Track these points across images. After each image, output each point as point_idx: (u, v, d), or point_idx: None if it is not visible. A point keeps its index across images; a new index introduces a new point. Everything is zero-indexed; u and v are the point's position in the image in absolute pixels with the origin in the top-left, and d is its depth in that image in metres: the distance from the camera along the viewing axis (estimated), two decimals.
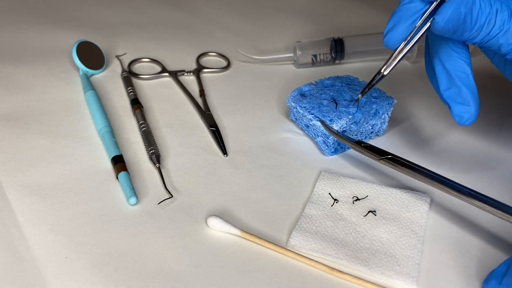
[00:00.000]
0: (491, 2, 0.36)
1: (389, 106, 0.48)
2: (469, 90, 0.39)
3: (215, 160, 0.46)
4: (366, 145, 0.43)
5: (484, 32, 0.36)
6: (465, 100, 0.39)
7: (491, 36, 0.36)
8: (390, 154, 0.41)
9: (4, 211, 0.40)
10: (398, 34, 0.38)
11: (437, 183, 0.39)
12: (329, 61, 0.62)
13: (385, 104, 0.48)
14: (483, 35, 0.36)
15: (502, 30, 0.36)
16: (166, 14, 0.74)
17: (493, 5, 0.35)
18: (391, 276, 0.35)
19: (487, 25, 0.36)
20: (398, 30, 0.38)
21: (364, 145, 0.43)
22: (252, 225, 0.40)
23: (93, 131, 0.49)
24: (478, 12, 0.35)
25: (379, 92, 0.49)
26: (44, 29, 0.68)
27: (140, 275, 0.35)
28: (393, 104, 0.48)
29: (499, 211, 0.36)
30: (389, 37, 0.39)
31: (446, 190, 0.38)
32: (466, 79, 0.39)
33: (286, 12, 0.76)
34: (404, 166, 0.41)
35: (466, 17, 0.35)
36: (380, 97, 0.48)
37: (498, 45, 0.37)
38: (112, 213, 0.40)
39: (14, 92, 0.54)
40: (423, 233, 0.39)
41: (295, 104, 0.48)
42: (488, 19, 0.35)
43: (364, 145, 0.43)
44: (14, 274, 0.35)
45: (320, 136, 0.47)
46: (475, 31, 0.36)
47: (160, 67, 0.61)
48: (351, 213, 0.40)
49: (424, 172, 0.40)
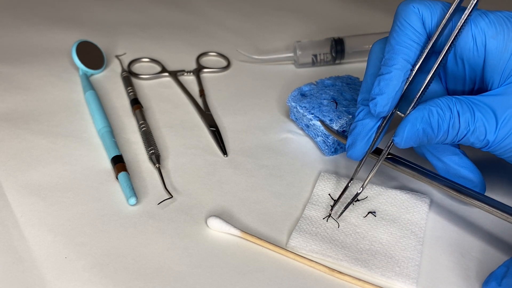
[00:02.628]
0: (450, 106, 0.35)
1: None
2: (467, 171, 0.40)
3: (215, 160, 0.46)
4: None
5: (451, 135, 0.36)
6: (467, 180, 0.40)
7: (460, 137, 0.36)
8: (390, 154, 0.41)
9: (4, 211, 0.40)
10: (358, 150, 0.40)
11: (436, 183, 0.39)
12: (329, 61, 0.62)
13: None
14: (452, 137, 0.36)
15: (470, 131, 0.35)
16: (166, 14, 0.74)
17: (453, 109, 0.35)
18: (391, 278, 0.35)
19: (452, 128, 0.35)
20: (357, 147, 0.39)
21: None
22: (252, 226, 0.40)
23: (93, 131, 0.49)
24: (438, 121, 0.35)
25: None
26: (44, 29, 0.67)
27: (140, 276, 0.35)
28: None
29: (499, 211, 0.36)
30: (350, 153, 0.40)
31: (446, 190, 0.38)
32: (459, 169, 0.40)
33: (286, 12, 0.76)
34: (404, 166, 0.40)
35: (426, 130, 0.35)
36: None
37: (471, 143, 0.36)
38: (112, 213, 0.40)
39: (14, 92, 0.54)
40: (423, 234, 0.39)
41: (295, 104, 0.48)
42: (451, 123, 0.35)
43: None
44: (14, 274, 0.35)
45: (320, 136, 0.47)
46: (441, 136, 0.36)
47: (160, 67, 0.61)
48: (350, 214, 0.40)
49: (424, 172, 0.40)
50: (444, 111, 0.35)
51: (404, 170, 0.40)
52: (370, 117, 0.39)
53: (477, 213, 0.41)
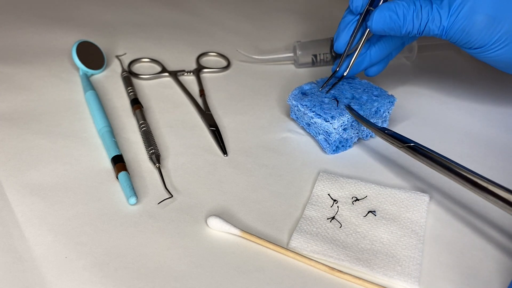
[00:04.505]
0: (414, 1, 0.44)
1: (390, 104, 0.48)
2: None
3: (215, 160, 0.46)
4: (390, 131, 0.43)
5: (416, 24, 0.44)
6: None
7: (423, 25, 0.44)
8: (412, 142, 0.41)
9: (4, 211, 0.40)
10: (340, 40, 0.49)
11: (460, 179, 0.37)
12: (329, 61, 0.62)
13: (386, 102, 0.48)
14: (417, 26, 0.44)
15: (429, 20, 0.44)
16: (166, 14, 0.74)
17: (416, 3, 0.44)
18: (393, 277, 0.35)
19: (416, 18, 0.44)
20: (340, 38, 0.49)
21: (388, 131, 0.44)
22: (252, 225, 0.40)
23: (93, 131, 0.49)
24: (403, 11, 0.44)
25: (380, 91, 0.49)
26: (44, 29, 0.68)
27: (140, 275, 0.35)
28: (394, 102, 0.48)
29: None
30: (336, 45, 0.50)
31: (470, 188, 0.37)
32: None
33: (286, 12, 0.76)
34: (425, 157, 0.40)
35: (392, 17, 0.44)
36: (381, 95, 0.48)
37: (432, 32, 0.44)
38: (112, 213, 0.40)
39: (14, 92, 0.54)
40: (423, 233, 0.39)
41: (296, 102, 0.48)
42: (415, 14, 0.44)
43: (388, 131, 0.44)
44: (14, 274, 0.35)
45: (321, 134, 0.47)
46: (408, 25, 0.44)
47: (160, 67, 0.61)
48: (351, 213, 0.40)
49: (447, 166, 0.38)
50: (409, 4, 0.44)
51: (424, 161, 0.40)
52: (350, 14, 0.49)
53: (478, 210, 0.41)
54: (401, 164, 0.46)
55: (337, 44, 0.49)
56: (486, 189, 0.36)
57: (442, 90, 0.57)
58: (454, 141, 0.50)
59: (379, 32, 0.45)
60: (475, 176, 0.37)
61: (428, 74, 0.61)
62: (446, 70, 0.62)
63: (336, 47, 0.49)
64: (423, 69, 0.62)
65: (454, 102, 0.55)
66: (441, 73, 0.61)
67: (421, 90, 0.57)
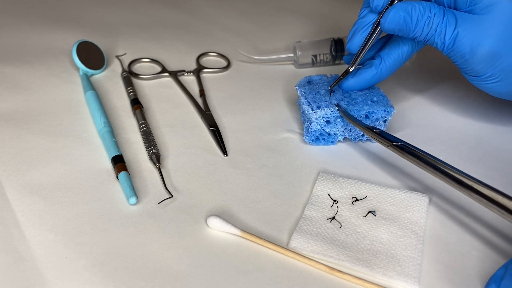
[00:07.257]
0: (431, 7, 0.43)
1: (385, 113, 0.46)
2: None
3: (215, 160, 0.46)
4: (377, 130, 0.44)
5: (425, 31, 0.43)
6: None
7: (430, 36, 0.43)
8: (400, 141, 0.42)
9: (4, 211, 0.40)
10: (355, 41, 0.48)
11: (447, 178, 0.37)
12: (329, 61, 0.62)
13: (380, 110, 0.46)
14: (425, 34, 0.43)
15: (437, 31, 0.43)
16: (166, 14, 0.74)
17: (431, 11, 0.43)
18: (393, 277, 0.35)
19: (427, 26, 0.43)
20: (355, 39, 0.48)
21: (375, 130, 0.44)
22: (252, 225, 0.40)
23: (93, 131, 0.49)
24: (418, 15, 0.43)
25: (382, 98, 0.48)
26: (44, 29, 0.68)
27: (140, 275, 0.35)
28: (391, 113, 0.47)
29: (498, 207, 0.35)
30: (350, 44, 0.48)
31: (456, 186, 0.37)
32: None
33: (286, 12, 0.76)
34: (412, 155, 0.40)
35: (406, 19, 0.43)
36: (379, 102, 0.47)
37: (435, 45, 0.44)
38: (112, 213, 0.40)
39: (14, 92, 0.54)
40: (423, 233, 0.39)
41: (298, 88, 0.49)
42: (427, 21, 0.43)
43: (375, 130, 0.44)
44: (15, 274, 0.35)
45: (306, 121, 0.48)
46: (417, 30, 0.43)
47: (160, 67, 0.61)
48: (351, 214, 0.40)
49: (432, 164, 0.39)
50: (425, 10, 0.43)
51: (412, 159, 0.40)
52: (369, 15, 0.47)
53: (477, 211, 0.41)
54: (401, 164, 0.46)
55: (351, 43, 0.48)
56: (471, 188, 0.36)
57: (442, 91, 0.58)
58: (456, 141, 0.50)
59: (389, 31, 0.44)
60: (461, 174, 0.37)
61: (428, 75, 0.61)
62: (446, 71, 0.62)
63: (349, 47, 0.48)
64: (423, 70, 0.62)
65: (454, 103, 0.55)
66: (441, 74, 0.61)
67: (421, 90, 0.57)
